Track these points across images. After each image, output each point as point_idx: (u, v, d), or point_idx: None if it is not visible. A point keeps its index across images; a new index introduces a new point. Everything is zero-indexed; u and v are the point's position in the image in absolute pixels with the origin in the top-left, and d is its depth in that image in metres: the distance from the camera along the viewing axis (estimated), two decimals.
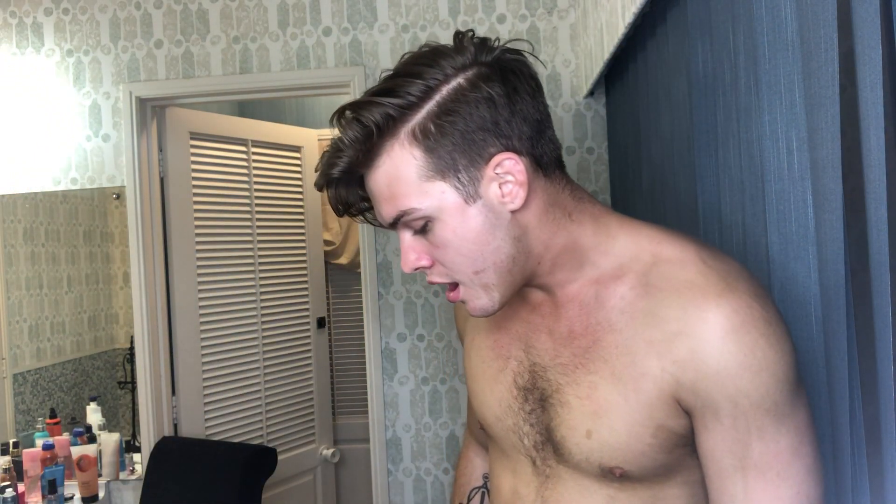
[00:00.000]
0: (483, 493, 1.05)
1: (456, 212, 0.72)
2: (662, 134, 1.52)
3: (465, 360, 0.95)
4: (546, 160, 0.75)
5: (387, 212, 0.74)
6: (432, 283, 0.78)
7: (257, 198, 2.99)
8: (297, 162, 3.19)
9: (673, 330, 0.69)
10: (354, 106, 0.72)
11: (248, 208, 2.96)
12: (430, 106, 0.70)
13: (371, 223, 0.81)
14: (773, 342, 0.66)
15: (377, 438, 2.52)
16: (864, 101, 0.64)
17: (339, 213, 0.80)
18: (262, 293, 2.98)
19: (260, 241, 3.00)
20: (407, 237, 0.75)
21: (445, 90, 0.70)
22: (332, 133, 0.75)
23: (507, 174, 0.71)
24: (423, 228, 0.73)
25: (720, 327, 0.66)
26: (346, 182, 0.76)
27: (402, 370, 2.53)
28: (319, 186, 0.77)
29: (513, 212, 0.73)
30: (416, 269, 0.76)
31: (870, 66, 0.63)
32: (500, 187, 0.72)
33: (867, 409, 0.74)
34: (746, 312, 0.66)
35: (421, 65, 0.71)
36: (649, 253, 0.74)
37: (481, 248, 0.73)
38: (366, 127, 0.70)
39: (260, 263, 2.99)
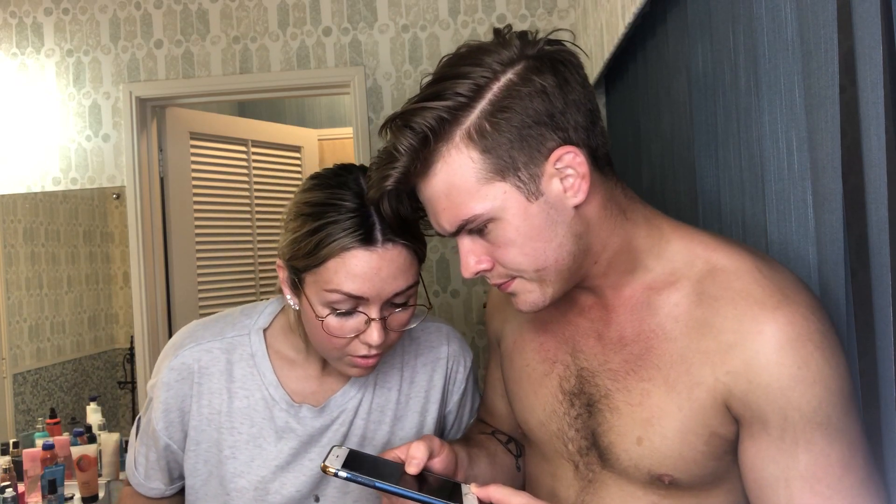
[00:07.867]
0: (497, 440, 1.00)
1: (518, 211, 0.69)
2: (662, 134, 1.52)
3: (505, 363, 0.92)
4: (601, 152, 0.73)
5: (448, 221, 0.71)
6: (494, 285, 0.75)
7: (257, 198, 2.99)
8: (297, 162, 3.19)
9: (728, 341, 0.68)
10: (403, 114, 0.69)
11: (248, 208, 2.96)
12: (482, 105, 0.67)
13: (424, 233, 0.79)
14: (829, 356, 0.65)
15: None
16: (864, 101, 0.64)
17: (396, 232, 0.78)
18: (262, 292, 2.98)
19: (260, 241, 3.00)
20: (466, 241, 0.73)
21: (496, 87, 0.68)
22: (383, 141, 0.73)
23: (568, 167, 0.69)
24: (483, 229, 0.71)
25: (775, 340, 0.65)
26: (398, 194, 0.74)
27: None
28: (374, 200, 0.75)
29: (575, 207, 0.71)
30: (477, 273, 0.73)
31: (870, 66, 0.63)
32: (561, 182, 0.69)
33: (867, 409, 0.74)
34: (802, 325, 0.65)
35: (465, 65, 0.69)
36: (703, 260, 0.73)
37: (544, 245, 0.70)
38: (419, 133, 0.67)
39: (260, 263, 2.99)
